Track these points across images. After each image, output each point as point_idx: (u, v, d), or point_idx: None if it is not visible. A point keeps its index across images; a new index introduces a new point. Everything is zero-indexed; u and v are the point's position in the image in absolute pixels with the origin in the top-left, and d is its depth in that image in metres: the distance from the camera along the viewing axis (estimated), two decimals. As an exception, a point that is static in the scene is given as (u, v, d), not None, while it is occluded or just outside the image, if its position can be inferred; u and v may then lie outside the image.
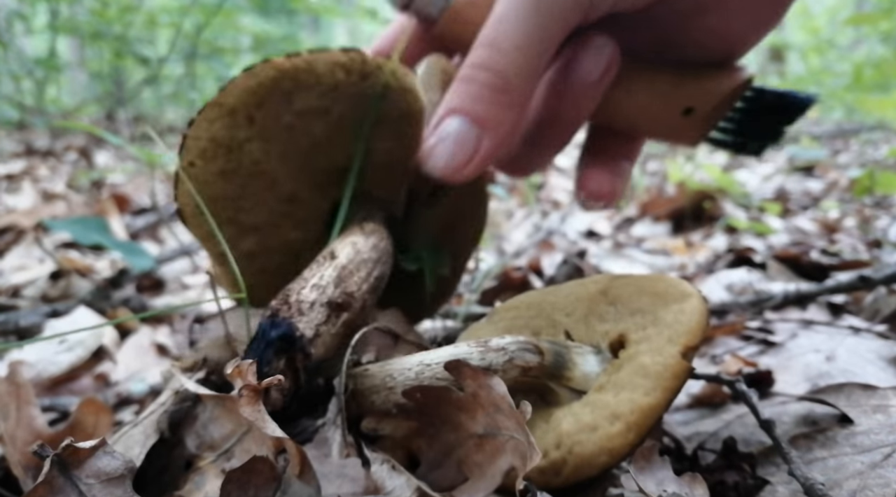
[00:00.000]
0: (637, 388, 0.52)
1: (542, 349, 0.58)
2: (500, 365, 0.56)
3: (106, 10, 6.11)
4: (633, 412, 0.50)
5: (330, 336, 0.61)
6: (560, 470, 0.52)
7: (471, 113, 0.61)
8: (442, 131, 0.63)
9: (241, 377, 0.52)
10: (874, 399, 0.64)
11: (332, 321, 0.61)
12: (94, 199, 2.65)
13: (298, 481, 0.51)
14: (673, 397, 0.52)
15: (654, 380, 0.52)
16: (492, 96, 0.61)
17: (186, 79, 7.38)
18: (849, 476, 0.56)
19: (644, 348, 0.55)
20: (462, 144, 0.62)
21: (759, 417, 0.61)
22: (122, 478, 0.52)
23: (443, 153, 0.63)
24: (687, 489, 0.52)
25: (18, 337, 1.25)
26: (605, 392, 0.54)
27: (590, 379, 0.58)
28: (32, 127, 5.72)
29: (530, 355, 0.57)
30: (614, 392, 0.53)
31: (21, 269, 1.74)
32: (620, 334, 0.59)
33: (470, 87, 0.61)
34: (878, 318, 1.06)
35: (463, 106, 0.62)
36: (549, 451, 0.52)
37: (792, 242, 1.85)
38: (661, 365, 0.52)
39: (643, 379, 0.52)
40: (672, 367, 0.52)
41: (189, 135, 0.67)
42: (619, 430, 0.50)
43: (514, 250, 2.06)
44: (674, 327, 0.55)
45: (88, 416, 0.78)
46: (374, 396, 0.60)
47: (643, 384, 0.52)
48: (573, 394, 0.58)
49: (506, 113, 0.62)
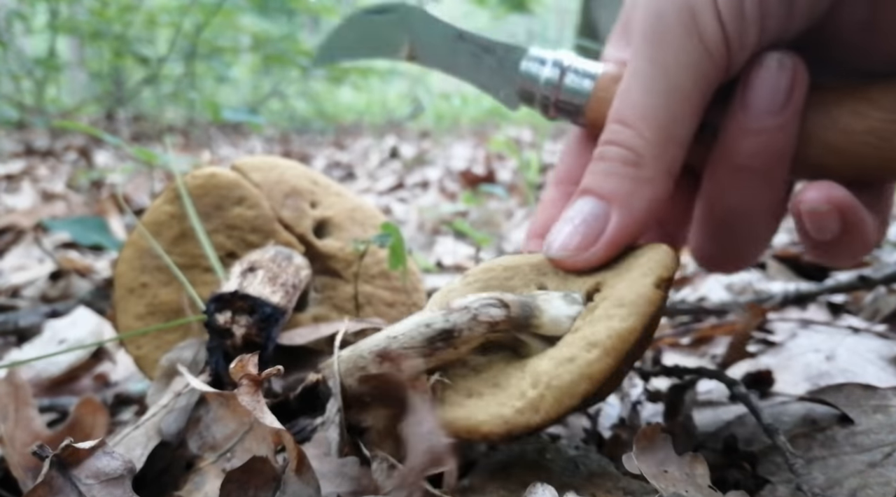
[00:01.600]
0: (613, 317, 0.53)
1: (507, 302, 0.57)
2: (465, 323, 0.56)
3: (105, 10, 6.11)
4: (611, 337, 0.51)
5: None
6: (538, 406, 0.51)
7: (599, 190, 0.57)
8: (568, 213, 0.58)
9: (242, 370, 0.53)
10: (874, 399, 0.64)
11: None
12: (93, 199, 2.65)
13: (297, 481, 0.51)
14: (648, 323, 0.53)
15: (629, 307, 0.53)
16: (623, 170, 0.56)
17: (186, 78, 7.37)
18: (849, 475, 0.56)
19: (621, 285, 0.56)
20: (589, 224, 0.57)
21: (762, 422, 0.61)
22: (122, 478, 0.52)
23: (565, 232, 0.58)
24: (687, 469, 0.53)
25: (18, 337, 1.25)
26: (581, 330, 0.54)
27: (560, 323, 0.57)
28: (32, 127, 5.72)
29: (495, 310, 0.57)
30: (590, 327, 0.54)
31: (20, 269, 1.74)
32: (597, 282, 0.59)
33: (600, 166, 0.57)
34: (877, 317, 1.06)
35: (592, 185, 0.57)
36: (526, 392, 0.52)
37: (791, 242, 1.85)
38: (636, 293, 0.53)
39: (618, 308, 0.53)
40: (646, 295, 0.53)
41: None
42: (597, 356, 0.51)
43: (513, 250, 2.06)
44: (647, 265, 0.56)
45: (87, 416, 0.78)
46: (349, 379, 0.59)
47: (618, 313, 0.53)
48: (545, 342, 0.58)
49: (638, 187, 0.56)
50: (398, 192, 3.39)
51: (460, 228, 1.54)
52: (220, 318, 0.71)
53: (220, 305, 0.71)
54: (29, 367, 1.03)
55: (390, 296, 0.92)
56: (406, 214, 2.68)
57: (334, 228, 0.93)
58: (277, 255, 0.80)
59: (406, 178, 3.76)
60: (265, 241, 0.86)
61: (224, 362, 0.70)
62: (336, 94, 11.13)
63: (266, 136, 7.20)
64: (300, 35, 11.43)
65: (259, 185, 0.90)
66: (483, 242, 1.52)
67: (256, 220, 0.88)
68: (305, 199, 0.92)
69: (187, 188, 0.87)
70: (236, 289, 0.72)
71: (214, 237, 0.86)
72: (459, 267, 1.92)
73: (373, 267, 0.92)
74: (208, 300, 0.72)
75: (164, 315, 0.85)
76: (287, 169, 0.93)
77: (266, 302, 0.71)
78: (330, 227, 0.93)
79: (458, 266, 1.93)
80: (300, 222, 0.90)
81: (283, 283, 0.75)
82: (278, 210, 0.89)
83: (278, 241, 0.87)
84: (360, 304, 0.89)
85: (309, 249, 0.89)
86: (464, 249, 2.11)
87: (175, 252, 0.86)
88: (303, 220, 0.90)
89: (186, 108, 7.42)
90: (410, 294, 0.94)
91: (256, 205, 0.88)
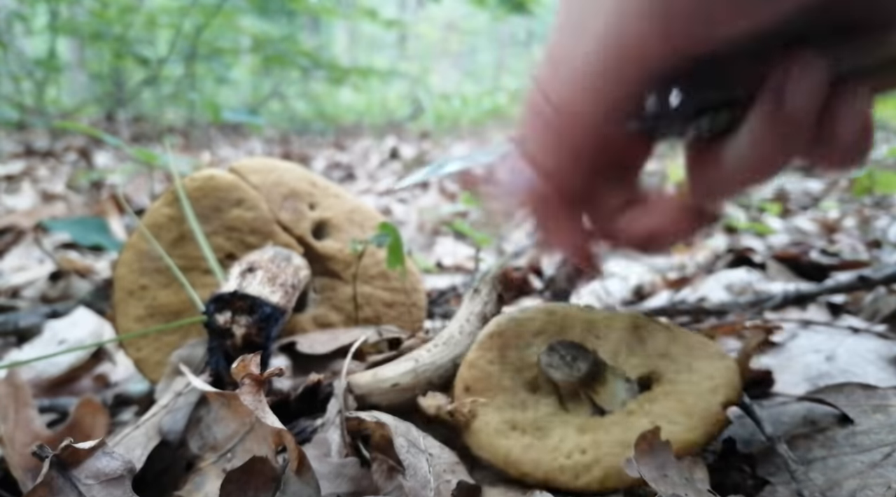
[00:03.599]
0: (677, 423, 0.54)
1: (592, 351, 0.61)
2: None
3: (106, 11, 6.11)
4: (675, 442, 0.52)
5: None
6: (580, 474, 0.53)
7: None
8: None
9: (244, 369, 0.53)
10: (874, 399, 0.64)
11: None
12: (93, 200, 2.65)
13: (298, 481, 0.51)
14: (708, 442, 0.55)
15: (699, 420, 0.55)
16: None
17: (186, 79, 7.37)
18: (849, 476, 0.56)
19: (685, 389, 0.57)
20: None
21: (764, 432, 0.61)
22: (122, 478, 0.52)
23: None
24: (687, 473, 0.53)
25: (18, 337, 1.25)
26: (638, 417, 0.56)
27: (615, 398, 0.60)
28: (32, 127, 5.72)
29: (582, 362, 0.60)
30: (650, 420, 0.55)
31: (20, 270, 1.74)
32: (651, 371, 0.61)
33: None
34: (877, 318, 1.06)
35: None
36: (573, 453, 0.54)
37: (791, 242, 1.85)
38: (705, 409, 0.55)
39: (686, 417, 0.55)
40: (716, 414, 0.55)
41: None
42: None
43: (513, 250, 2.06)
44: (715, 379, 0.58)
45: (87, 416, 0.78)
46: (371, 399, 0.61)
47: (685, 422, 0.55)
48: (593, 408, 0.60)
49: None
50: (398, 193, 3.39)
51: (460, 229, 1.54)
52: (220, 319, 0.71)
53: (220, 306, 0.71)
54: (29, 368, 1.03)
55: (389, 296, 0.92)
56: (406, 215, 2.68)
57: (333, 230, 0.93)
58: (276, 255, 0.80)
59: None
60: (264, 242, 0.86)
61: (224, 362, 0.70)
62: (336, 95, 11.13)
63: (266, 137, 7.20)
64: (300, 36, 11.43)
65: (257, 187, 0.90)
66: (483, 243, 1.52)
67: (255, 222, 0.88)
68: (304, 201, 0.92)
69: (186, 190, 0.87)
70: (236, 289, 0.72)
71: (213, 239, 0.86)
72: (459, 268, 1.92)
73: (372, 268, 0.92)
74: (208, 300, 0.72)
75: (164, 317, 0.85)
76: (285, 171, 0.93)
77: (265, 302, 0.71)
78: (329, 228, 0.93)
79: (457, 267, 1.92)
80: (299, 224, 0.90)
81: (282, 284, 0.76)
82: (277, 212, 0.89)
83: (277, 242, 0.87)
84: (360, 305, 0.89)
85: (308, 251, 0.89)
86: (464, 250, 2.11)
87: (174, 254, 0.86)
88: (301, 221, 0.90)
89: (186, 109, 7.41)
90: (409, 294, 0.94)
91: (255, 207, 0.88)
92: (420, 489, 0.50)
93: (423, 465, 0.53)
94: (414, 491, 0.49)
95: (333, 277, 0.90)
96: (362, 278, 0.90)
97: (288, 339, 0.80)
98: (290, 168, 0.94)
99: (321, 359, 0.77)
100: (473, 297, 0.72)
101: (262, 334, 0.71)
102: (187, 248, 0.87)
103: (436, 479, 0.52)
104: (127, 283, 0.85)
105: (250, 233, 0.88)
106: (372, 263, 0.92)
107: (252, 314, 0.71)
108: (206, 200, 0.87)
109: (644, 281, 1.62)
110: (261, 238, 0.87)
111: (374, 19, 8.01)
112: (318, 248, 0.90)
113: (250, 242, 0.87)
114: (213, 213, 0.87)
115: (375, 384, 0.64)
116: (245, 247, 0.87)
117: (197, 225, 0.85)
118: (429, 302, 1.26)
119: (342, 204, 0.95)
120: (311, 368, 0.74)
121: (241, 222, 0.87)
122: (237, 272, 0.76)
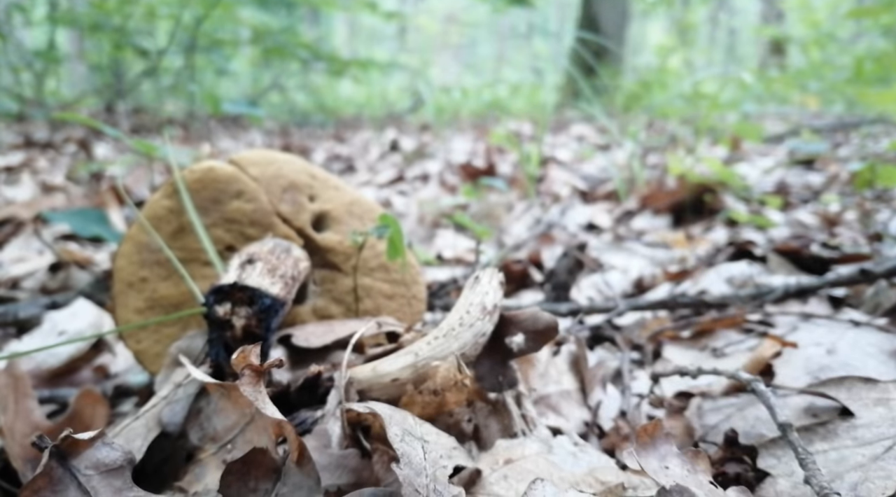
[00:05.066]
0: None
1: None
2: None
3: (105, 2, 6.09)
4: None
5: None
6: None
7: None
8: None
9: (244, 360, 0.53)
10: (875, 392, 0.64)
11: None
12: (93, 191, 2.64)
13: (298, 472, 0.51)
14: None
15: None
16: None
17: (186, 71, 7.34)
18: (850, 468, 0.56)
19: None
20: None
21: (777, 420, 0.61)
22: (122, 469, 0.52)
23: None
24: (689, 465, 0.53)
25: (18, 328, 1.25)
26: None
27: None
28: (32, 119, 5.71)
29: None
30: None
31: (20, 261, 1.74)
32: None
33: None
34: (878, 311, 1.06)
35: None
36: None
37: (792, 236, 1.84)
38: None
39: None
40: None
41: None
42: None
43: (514, 243, 2.05)
44: None
45: (87, 407, 0.78)
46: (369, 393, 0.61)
47: None
48: None
49: None
50: (398, 185, 3.38)
51: (460, 221, 1.54)
52: (220, 310, 0.71)
53: (220, 297, 0.71)
54: (29, 359, 1.03)
55: (389, 288, 0.92)
56: (406, 207, 2.68)
57: (333, 222, 0.92)
58: (276, 247, 0.79)
59: (406, 171, 3.75)
60: (263, 234, 0.86)
61: (224, 354, 0.70)
62: (336, 87, 11.09)
63: (266, 128, 7.18)
64: (300, 27, 11.38)
65: (257, 179, 0.89)
66: (483, 235, 1.51)
67: (255, 214, 0.87)
68: (304, 193, 0.92)
69: (185, 182, 0.86)
70: (235, 280, 0.72)
71: (213, 231, 0.86)
72: (460, 260, 1.91)
73: (372, 260, 0.92)
74: (208, 292, 0.72)
75: (164, 309, 0.85)
76: (285, 163, 0.93)
77: (265, 293, 0.71)
78: (328, 220, 0.92)
79: (458, 259, 1.92)
80: (298, 216, 0.90)
81: (281, 275, 0.75)
82: (276, 204, 0.89)
83: (277, 234, 0.87)
84: (360, 297, 0.89)
85: (308, 243, 0.89)
86: (464, 242, 2.11)
87: (174, 246, 0.86)
88: (301, 213, 0.90)
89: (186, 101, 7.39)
90: (409, 286, 0.93)
91: (255, 199, 0.88)
92: (415, 476, 0.50)
93: (418, 453, 0.52)
94: (408, 479, 0.49)
95: (333, 269, 0.90)
96: (362, 270, 0.90)
97: (283, 331, 0.80)
98: (290, 160, 0.94)
99: (319, 351, 0.77)
100: (473, 287, 0.72)
101: (261, 325, 0.71)
102: (187, 240, 0.86)
103: (432, 465, 0.52)
104: (126, 274, 0.85)
105: (250, 224, 0.87)
106: (372, 255, 0.92)
107: (252, 305, 0.71)
108: (205, 192, 0.87)
109: (644, 274, 1.61)
110: (260, 230, 0.87)
111: (375, 11, 7.98)
112: (318, 239, 0.90)
113: (250, 234, 0.87)
114: (212, 205, 0.87)
115: (375, 379, 0.64)
116: (245, 239, 0.87)
117: (196, 217, 0.85)
118: (429, 294, 1.25)
119: (342, 196, 0.95)
120: (310, 360, 0.74)
121: (240, 214, 0.87)
122: (237, 264, 0.76)
